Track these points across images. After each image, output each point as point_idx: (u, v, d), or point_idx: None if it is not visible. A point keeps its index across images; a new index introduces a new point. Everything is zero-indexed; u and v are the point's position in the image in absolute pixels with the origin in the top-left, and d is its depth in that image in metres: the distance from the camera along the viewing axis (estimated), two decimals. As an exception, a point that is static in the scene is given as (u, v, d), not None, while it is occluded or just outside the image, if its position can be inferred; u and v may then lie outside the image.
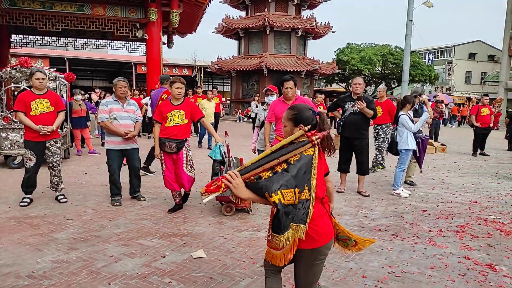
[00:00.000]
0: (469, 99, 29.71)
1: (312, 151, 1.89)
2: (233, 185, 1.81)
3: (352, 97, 5.63)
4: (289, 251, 1.95)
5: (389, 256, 3.50)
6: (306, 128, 1.90)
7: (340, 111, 5.83)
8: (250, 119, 14.87)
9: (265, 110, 5.48)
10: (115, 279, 2.96)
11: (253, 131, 13.83)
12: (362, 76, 30.05)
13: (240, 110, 24.71)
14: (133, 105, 5.17)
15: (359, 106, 5.42)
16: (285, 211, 1.77)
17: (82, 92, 9.55)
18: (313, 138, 1.87)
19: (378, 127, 7.71)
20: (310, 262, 2.05)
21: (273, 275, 2.19)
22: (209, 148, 9.78)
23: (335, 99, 6.24)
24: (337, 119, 6.02)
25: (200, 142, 10.45)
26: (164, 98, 6.12)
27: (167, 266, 3.20)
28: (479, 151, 10.62)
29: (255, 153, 5.43)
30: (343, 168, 5.88)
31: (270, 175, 1.81)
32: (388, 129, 7.62)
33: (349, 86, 6.83)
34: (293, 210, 1.80)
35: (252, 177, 1.83)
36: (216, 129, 10.42)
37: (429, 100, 10.82)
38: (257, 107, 13.95)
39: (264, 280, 2.25)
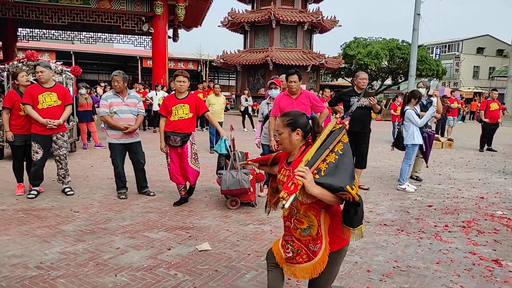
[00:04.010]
0: (479, 94, 29.37)
1: (346, 138, 1.91)
2: (307, 180, 1.69)
3: (357, 92, 5.60)
4: (323, 260, 1.94)
5: (394, 251, 3.49)
6: (338, 115, 1.92)
7: (341, 106, 5.79)
8: (240, 113, 15.01)
9: (268, 104, 5.45)
10: (122, 270, 2.99)
11: (243, 125, 14.04)
12: (369, 70, 29.87)
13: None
14: (134, 98, 5.10)
15: (371, 102, 5.43)
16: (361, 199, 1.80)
17: (87, 85, 9.58)
18: (346, 123, 1.89)
19: None
20: (336, 263, 2.02)
21: (275, 268, 2.20)
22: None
23: (336, 94, 6.16)
24: (340, 114, 5.96)
25: (212, 147, 9.02)
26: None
27: (173, 259, 3.22)
28: (486, 147, 10.53)
29: (259, 147, 5.43)
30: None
31: (326, 166, 1.79)
32: None
33: (353, 81, 6.72)
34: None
35: (315, 171, 1.77)
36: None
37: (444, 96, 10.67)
38: (246, 100, 14.23)
39: (267, 273, 2.26)
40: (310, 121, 2.04)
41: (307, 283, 2.15)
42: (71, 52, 27.25)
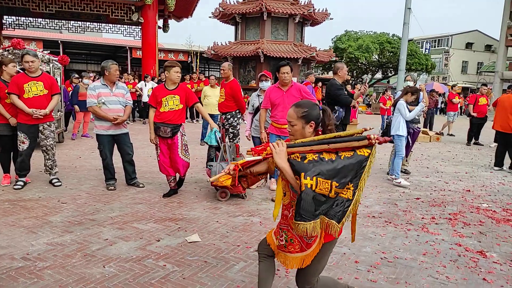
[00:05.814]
0: (467, 89, 29.67)
1: (367, 152, 1.79)
2: (276, 151, 1.82)
3: (341, 84, 5.59)
4: (314, 253, 1.95)
5: (382, 242, 3.53)
6: (372, 136, 1.78)
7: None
8: None
9: (259, 96, 5.43)
10: (110, 262, 2.97)
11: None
12: (359, 64, 29.98)
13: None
14: (122, 88, 5.05)
15: (363, 91, 5.55)
16: (313, 196, 1.72)
17: (90, 75, 9.49)
18: (371, 136, 1.77)
19: (223, 116, 5.66)
20: (326, 254, 2.05)
21: (266, 259, 2.20)
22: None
23: (338, 86, 5.50)
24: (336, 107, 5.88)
25: (202, 139, 9.01)
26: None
27: (162, 250, 3.21)
28: (473, 141, 10.68)
29: (249, 140, 5.42)
30: None
31: (316, 158, 1.76)
32: (235, 119, 5.62)
33: (336, 73, 6.35)
34: (325, 202, 1.75)
35: (298, 154, 1.80)
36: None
37: (430, 90, 10.70)
38: None
39: (258, 264, 2.26)
40: (321, 112, 2.01)
41: (295, 273, 2.17)
42: (59, 41, 26.69)
